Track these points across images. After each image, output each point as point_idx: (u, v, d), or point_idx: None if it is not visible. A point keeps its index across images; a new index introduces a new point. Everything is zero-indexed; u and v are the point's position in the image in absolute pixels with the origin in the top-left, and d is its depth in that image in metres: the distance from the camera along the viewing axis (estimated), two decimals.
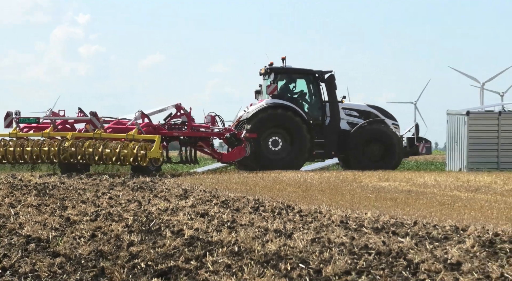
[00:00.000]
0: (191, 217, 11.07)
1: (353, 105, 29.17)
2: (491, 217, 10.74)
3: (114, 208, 12.80)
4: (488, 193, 15.97)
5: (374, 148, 27.86)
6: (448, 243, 8.26)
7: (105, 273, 6.88)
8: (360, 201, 13.61)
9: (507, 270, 6.54)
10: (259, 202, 13.42)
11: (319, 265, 6.89)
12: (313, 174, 24.65)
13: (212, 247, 8.06)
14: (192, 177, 23.70)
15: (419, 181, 20.48)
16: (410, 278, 6.27)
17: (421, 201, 13.60)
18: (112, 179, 21.97)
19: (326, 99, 28.39)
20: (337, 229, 9.44)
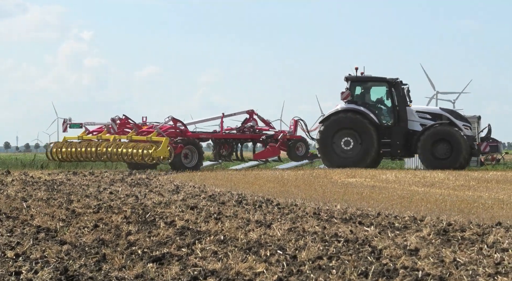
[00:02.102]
0: (182, 210, 11.05)
1: (426, 108, 28.79)
2: (445, 209, 10.77)
3: (114, 201, 12.77)
4: (442, 187, 16.03)
5: (441, 147, 27.12)
6: (407, 231, 8.28)
7: (106, 258, 6.85)
8: (330, 195, 13.63)
9: (458, 255, 6.56)
10: (242, 196, 13.41)
11: (295, 251, 6.89)
12: (289, 171, 24.68)
13: (200, 236, 8.04)
14: (183, 174, 23.67)
15: (382, 177, 20.54)
16: (374, 263, 6.28)
17: (383, 195, 13.63)
18: (112, 176, 21.93)
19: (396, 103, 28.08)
20: (311, 220, 9.45)
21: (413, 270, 5.90)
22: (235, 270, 6.04)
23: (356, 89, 28.39)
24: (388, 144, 27.66)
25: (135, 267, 6.34)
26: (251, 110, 30.09)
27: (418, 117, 27.87)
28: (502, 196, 13.10)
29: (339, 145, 27.65)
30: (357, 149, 27.59)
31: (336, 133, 27.61)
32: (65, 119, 28.41)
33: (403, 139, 27.72)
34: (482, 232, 8.07)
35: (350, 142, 27.64)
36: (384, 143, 27.61)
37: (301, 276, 5.84)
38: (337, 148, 27.65)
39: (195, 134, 28.04)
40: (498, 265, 6.10)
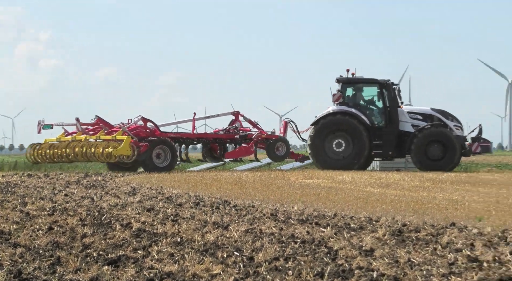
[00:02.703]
0: (138, 212, 10.99)
1: (417, 109, 28.56)
2: (400, 210, 10.87)
3: (69, 204, 12.65)
4: (397, 188, 16.18)
5: (434, 148, 27.15)
6: (363, 232, 8.34)
7: (61, 261, 6.79)
8: (288, 196, 13.66)
9: (413, 255, 6.63)
10: (199, 198, 13.38)
11: (252, 253, 6.90)
12: (247, 173, 24.69)
13: (157, 238, 8.01)
14: (140, 175, 23.54)
15: (338, 178, 20.65)
16: (330, 263, 6.31)
17: (340, 196, 13.71)
18: (67, 178, 21.72)
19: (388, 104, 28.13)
20: (268, 221, 9.46)
21: (368, 271, 5.95)
22: (192, 272, 6.02)
23: (347, 90, 28.46)
24: (379, 146, 27.76)
25: (90, 269, 6.29)
26: (236, 111, 30.26)
27: (409, 118, 27.96)
28: (456, 197, 13.27)
29: (331, 147, 27.73)
30: (348, 150, 27.66)
31: (328, 135, 27.68)
32: (40, 121, 28.51)
33: (395, 140, 27.82)
34: (436, 232, 8.16)
35: (341, 144, 27.72)
36: (375, 144, 27.70)
37: (258, 277, 5.85)
38: (328, 150, 27.74)
39: (164, 133, 27.97)
40: (452, 265, 6.18)
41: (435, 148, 27.09)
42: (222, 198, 13.33)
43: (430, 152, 27.09)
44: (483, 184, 17.66)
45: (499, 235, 7.87)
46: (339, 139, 27.68)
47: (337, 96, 27.82)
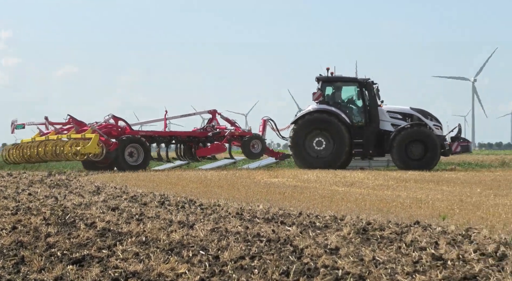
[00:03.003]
0: (103, 211, 10.93)
1: (397, 108, 28.59)
2: (364, 208, 10.92)
3: (33, 203, 12.54)
4: (361, 187, 16.26)
5: (415, 148, 27.21)
6: (328, 231, 8.36)
7: (25, 261, 6.72)
8: (253, 195, 13.67)
9: (378, 254, 6.66)
10: (164, 197, 13.33)
11: (217, 252, 6.89)
12: (212, 172, 24.67)
13: (122, 237, 7.96)
14: (104, 175, 23.40)
15: (303, 177, 20.71)
16: (295, 262, 6.33)
17: (305, 194, 13.74)
18: (31, 177, 21.52)
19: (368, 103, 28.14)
20: (233, 220, 9.46)
21: (333, 269, 5.97)
22: (157, 271, 6.00)
23: (327, 89, 28.47)
24: (360, 144, 27.79)
25: (54, 269, 6.24)
26: (213, 110, 30.32)
27: (389, 117, 28.09)
28: (420, 196, 13.37)
29: (311, 146, 27.73)
30: (329, 149, 27.69)
31: (308, 134, 27.68)
32: (13, 121, 28.73)
33: (375, 139, 27.90)
34: (400, 231, 8.22)
35: (322, 142, 27.74)
36: (356, 143, 27.74)
37: (223, 276, 5.85)
38: (309, 149, 27.73)
39: (135, 131, 27.90)
40: (416, 263, 6.22)
41: (416, 148, 27.30)
42: (187, 197, 13.29)
43: (411, 152, 27.31)
44: (447, 182, 17.83)
45: (463, 233, 7.95)
46: (319, 138, 27.72)
47: (317, 95, 27.85)
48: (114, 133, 27.32)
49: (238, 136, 29.49)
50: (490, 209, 10.49)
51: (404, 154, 27.20)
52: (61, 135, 27.15)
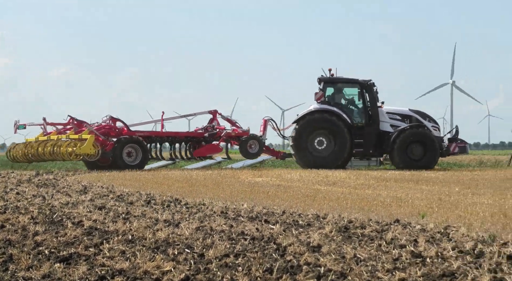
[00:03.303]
0: (90, 210, 10.89)
1: (396, 109, 28.68)
2: (346, 207, 10.95)
3: (21, 202, 12.48)
4: (343, 186, 16.30)
5: (415, 148, 27.36)
6: (311, 229, 8.38)
7: (13, 259, 6.69)
8: (237, 194, 13.67)
9: (359, 251, 6.69)
10: (150, 196, 13.31)
11: (203, 250, 6.89)
12: (197, 171, 24.64)
13: (108, 236, 7.94)
14: (91, 174, 23.33)
15: (287, 176, 20.73)
16: (279, 259, 6.33)
17: (288, 193, 13.76)
18: (19, 177, 21.42)
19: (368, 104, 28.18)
20: (218, 219, 9.46)
21: (316, 266, 5.99)
22: (143, 269, 5.99)
23: (329, 90, 28.49)
24: (360, 144, 27.84)
25: (42, 267, 6.21)
26: (214, 110, 30.40)
27: (388, 118, 28.19)
28: (400, 194, 13.41)
29: (313, 145, 27.71)
30: (330, 148, 27.69)
31: (310, 133, 27.67)
32: (15, 122, 29.47)
33: (375, 139, 27.98)
34: (381, 229, 8.24)
35: (323, 142, 27.74)
36: (356, 143, 27.80)
37: (208, 273, 5.84)
38: (310, 148, 27.71)
39: (132, 132, 27.95)
40: (396, 261, 6.25)
41: (416, 148, 27.46)
42: (173, 196, 13.28)
43: (411, 152, 27.44)
44: (426, 182, 17.90)
45: (442, 231, 7.98)
46: (320, 137, 27.73)
47: (319, 95, 27.87)
48: (113, 133, 27.43)
49: (235, 137, 29.50)
50: (468, 208, 10.54)
51: (405, 154, 27.37)
52: (61, 135, 27.39)
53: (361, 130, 27.90)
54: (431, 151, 27.36)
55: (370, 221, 8.98)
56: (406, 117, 28.35)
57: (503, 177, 20.53)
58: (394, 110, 28.53)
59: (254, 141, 29.27)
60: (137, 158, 27.05)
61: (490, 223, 8.59)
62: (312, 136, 27.71)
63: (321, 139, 27.70)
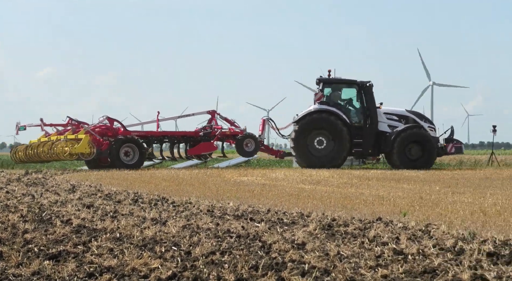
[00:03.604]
0: (78, 208, 10.85)
1: (393, 110, 28.75)
2: (330, 205, 10.97)
3: (11, 201, 12.41)
4: (327, 185, 16.33)
5: (413, 149, 27.48)
6: (295, 227, 8.39)
7: (3, 256, 6.65)
8: (223, 193, 13.66)
9: (342, 248, 6.70)
10: (138, 195, 13.28)
11: (189, 247, 6.88)
12: (184, 170, 24.61)
13: (97, 234, 7.91)
14: (79, 173, 23.24)
15: (272, 175, 20.75)
16: (264, 257, 6.33)
17: (273, 192, 13.76)
18: (9, 176, 21.31)
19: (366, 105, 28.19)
20: (205, 217, 9.44)
21: (300, 263, 5.99)
22: (131, 267, 5.97)
23: (328, 90, 28.48)
24: (359, 144, 27.88)
25: (31, 264, 6.18)
26: (212, 111, 30.44)
27: (385, 119, 28.29)
28: (382, 193, 13.45)
29: (312, 145, 27.69)
30: (329, 148, 27.69)
31: (310, 133, 27.64)
32: (17, 123, 30.00)
33: (373, 139, 28.02)
34: (363, 226, 8.26)
35: (323, 142, 27.74)
36: (356, 142, 27.83)
37: (195, 271, 5.83)
38: (310, 147, 27.67)
39: (128, 132, 28.09)
40: (379, 258, 6.26)
41: (414, 149, 27.60)
42: (160, 195, 13.25)
43: (409, 152, 27.56)
44: (407, 180, 17.96)
45: (423, 229, 8.01)
46: (320, 137, 27.73)
47: (318, 96, 27.90)
48: (109, 133, 27.56)
49: (230, 135, 29.50)
50: (448, 206, 10.59)
51: (403, 155, 27.46)
52: (61, 136, 27.75)
53: (360, 130, 27.97)
54: (428, 151, 27.53)
55: (353, 219, 9.00)
56: (403, 117, 28.51)
57: (482, 176, 20.64)
58: (391, 111, 28.65)
59: (250, 139, 29.25)
60: (134, 158, 27.18)
61: (470, 221, 8.64)
62: (311, 136, 27.74)
63: (321, 139, 27.75)
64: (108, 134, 27.53)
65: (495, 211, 9.81)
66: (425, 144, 27.50)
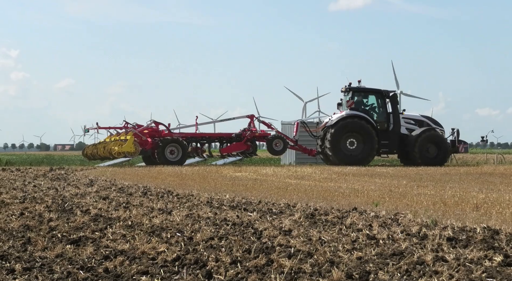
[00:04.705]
0: (95, 200, 10.82)
1: (410, 115, 28.97)
2: (312, 197, 10.97)
3: (37, 193, 12.37)
4: (310, 180, 16.33)
5: (431, 148, 27.74)
6: (283, 216, 8.39)
7: (31, 241, 6.62)
8: (221, 186, 13.65)
9: (323, 234, 6.70)
10: (147, 188, 13.25)
11: (191, 234, 6.87)
12: (187, 167, 24.58)
13: (111, 222, 7.89)
14: (96, 170, 23.18)
15: (262, 171, 20.74)
16: (256, 241, 6.33)
17: (264, 186, 13.77)
18: (36, 172, 21.24)
19: (390, 111, 28.36)
20: (204, 207, 9.44)
21: (287, 247, 5.99)
22: (141, 250, 5.96)
23: (358, 98, 28.51)
24: (386, 145, 28.08)
25: (55, 248, 6.16)
26: (251, 115, 30.44)
27: (404, 122, 28.53)
28: (357, 186, 13.47)
29: (345, 145, 27.67)
30: (360, 148, 27.66)
31: (343, 135, 27.61)
32: (84, 126, 31.40)
33: (398, 141, 28.20)
34: (341, 215, 8.27)
35: (354, 143, 27.72)
36: (383, 144, 28.00)
37: (196, 254, 5.82)
38: (343, 148, 27.63)
39: (169, 133, 28.45)
40: (354, 242, 6.27)
41: (431, 148, 27.88)
42: (166, 188, 13.23)
43: (427, 151, 27.80)
44: (379, 176, 17.99)
45: (392, 217, 8.03)
46: (352, 139, 27.71)
47: (350, 102, 27.97)
48: (157, 135, 28.12)
49: (260, 136, 29.47)
50: (414, 198, 10.61)
51: (423, 154, 27.71)
52: (117, 137, 28.33)
53: (385, 133, 28.11)
54: (443, 150, 27.99)
55: (332, 209, 9.01)
56: (419, 121, 28.83)
57: (443, 172, 20.69)
58: (408, 116, 28.93)
59: (279, 140, 29.15)
60: (178, 155, 27.58)
61: (432, 210, 8.66)
62: (344, 137, 27.72)
63: (352, 140, 27.75)
64: (155, 135, 28.00)
65: (454, 202, 9.84)
66: (440, 144, 27.95)
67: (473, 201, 9.78)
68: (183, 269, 5.19)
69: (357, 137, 27.76)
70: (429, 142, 27.84)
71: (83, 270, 5.22)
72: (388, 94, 28.49)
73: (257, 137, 29.49)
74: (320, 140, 28.46)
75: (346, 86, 28.62)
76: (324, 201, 10.12)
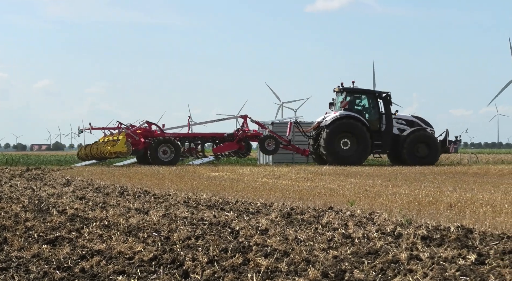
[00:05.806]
0: (72, 200, 10.73)
1: (401, 115, 29.07)
2: (289, 196, 10.99)
3: (14, 193, 12.24)
4: (286, 179, 16.36)
5: (421, 148, 27.87)
6: (259, 215, 8.39)
7: (7, 241, 6.55)
8: (198, 186, 13.62)
9: (299, 233, 6.71)
10: (123, 188, 13.18)
11: (168, 233, 6.84)
12: (164, 167, 24.48)
13: (88, 222, 7.83)
14: (73, 170, 23.00)
15: (239, 171, 20.73)
16: (233, 241, 6.32)
17: (240, 185, 13.76)
18: (12, 172, 21.02)
19: (382, 111, 28.38)
20: (181, 207, 9.41)
21: (264, 247, 5.99)
22: (118, 250, 5.92)
23: (352, 98, 28.52)
24: (379, 145, 28.17)
25: (32, 248, 6.10)
26: (244, 115, 30.37)
27: (396, 123, 28.64)
28: (333, 186, 13.52)
29: (339, 145, 27.68)
30: (353, 148, 27.73)
31: (337, 135, 27.63)
32: (78, 127, 31.47)
33: (390, 141, 28.31)
34: (317, 215, 8.29)
35: (347, 143, 27.78)
36: (376, 144, 28.10)
37: (173, 253, 5.80)
38: (337, 148, 27.65)
39: (162, 133, 28.27)
40: (330, 241, 6.29)
41: (421, 148, 28.06)
42: (143, 188, 13.17)
43: (417, 151, 27.97)
44: (354, 175, 18.08)
45: (367, 216, 8.06)
46: (345, 139, 27.79)
47: (344, 103, 28.05)
48: (150, 135, 28.02)
49: (252, 136, 29.41)
50: (389, 197, 10.67)
51: (413, 153, 27.87)
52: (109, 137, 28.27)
53: (378, 133, 28.21)
54: (433, 150, 28.18)
55: (309, 208, 9.03)
56: (409, 122, 28.99)
57: (417, 171, 20.86)
58: (399, 116, 29.09)
59: (271, 140, 29.09)
60: (170, 155, 27.48)
61: (407, 210, 8.72)
62: (339, 138, 27.76)
63: (346, 140, 27.85)
64: (149, 135, 27.93)
65: (428, 201, 9.92)
66: (430, 144, 28.12)
67: (447, 201, 9.87)
68: (160, 268, 5.17)
69: (350, 137, 27.91)
70: (419, 142, 28.10)
71: (59, 270, 5.18)
72: (380, 95, 28.64)
73: (249, 137, 29.43)
74: (313, 140, 28.50)
75: (339, 86, 28.71)
76: (300, 201, 10.13)
